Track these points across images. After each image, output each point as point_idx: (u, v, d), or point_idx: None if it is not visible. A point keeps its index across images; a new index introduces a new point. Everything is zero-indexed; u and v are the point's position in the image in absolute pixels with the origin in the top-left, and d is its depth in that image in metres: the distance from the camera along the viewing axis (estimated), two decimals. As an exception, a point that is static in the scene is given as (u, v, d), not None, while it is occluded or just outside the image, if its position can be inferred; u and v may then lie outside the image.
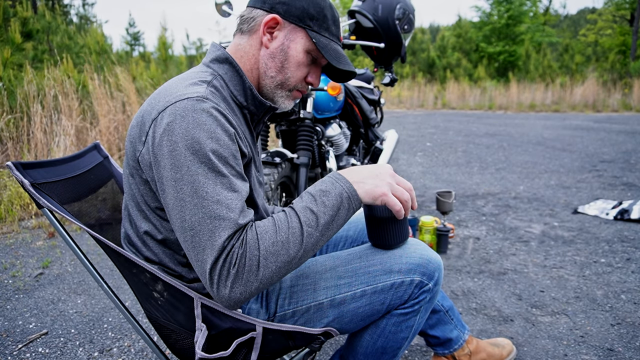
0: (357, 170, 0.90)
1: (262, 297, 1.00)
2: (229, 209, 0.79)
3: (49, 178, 0.99)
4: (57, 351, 1.71)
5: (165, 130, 0.80)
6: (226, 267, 0.78)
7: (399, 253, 0.99)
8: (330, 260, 1.03)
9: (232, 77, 0.94)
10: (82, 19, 16.40)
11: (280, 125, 2.14)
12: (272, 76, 0.96)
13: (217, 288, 0.79)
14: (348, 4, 20.37)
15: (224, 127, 0.82)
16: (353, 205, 0.87)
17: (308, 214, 0.83)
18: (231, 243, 0.78)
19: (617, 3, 19.07)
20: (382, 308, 0.98)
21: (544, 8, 22.73)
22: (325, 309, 0.97)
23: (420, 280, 0.97)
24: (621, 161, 4.79)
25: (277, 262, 0.81)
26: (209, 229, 0.78)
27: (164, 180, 0.81)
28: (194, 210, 0.79)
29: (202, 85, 0.87)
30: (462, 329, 1.39)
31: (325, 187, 0.86)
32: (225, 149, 0.81)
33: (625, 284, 2.11)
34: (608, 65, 15.18)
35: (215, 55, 0.95)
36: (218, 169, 0.80)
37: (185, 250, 0.82)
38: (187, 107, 0.80)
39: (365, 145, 2.89)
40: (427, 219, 2.49)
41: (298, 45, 0.94)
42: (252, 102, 0.96)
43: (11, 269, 2.46)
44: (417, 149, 5.99)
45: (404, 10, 2.38)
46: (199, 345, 0.91)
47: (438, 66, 16.21)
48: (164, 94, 0.86)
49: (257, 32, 0.94)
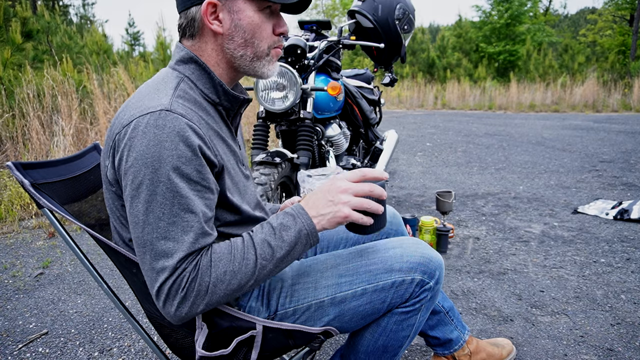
0: (315, 201, 0.88)
1: (262, 295, 1.00)
2: (184, 231, 0.79)
3: (49, 178, 0.99)
4: (57, 351, 1.71)
5: (126, 146, 0.79)
6: (174, 288, 0.79)
7: (400, 252, 0.99)
8: (331, 258, 1.03)
9: (200, 76, 0.92)
10: (82, 19, 16.39)
11: (280, 125, 2.14)
12: (242, 55, 0.92)
13: (162, 305, 0.80)
14: (348, 4, 20.38)
15: (188, 142, 0.79)
16: (310, 241, 0.87)
17: (265, 247, 0.84)
18: (183, 266, 0.79)
19: (617, 3, 19.08)
20: (382, 307, 0.98)
21: (544, 8, 22.74)
22: (326, 307, 0.97)
23: (421, 279, 0.97)
24: (621, 161, 4.79)
25: (227, 289, 0.82)
26: (162, 249, 0.78)
27: (125, 196, 0.81)
28: (147, 229, 0.79)
29: (167, 95, 0.84)
30: (463, 330, 1.39)
31: (286, 221, 0.86)
32: (187, 166, 0.79)
33: (625, 284, 2.11)
34: (608, 65, 15.19)
35: (180, 56, 0.93)
36: (177, 189, 0.78)
37: (140, 264, 0.82)
38: (149, 123, 0.78)
39: (365, 145, 2.89)
40: (427, 219, 2.49)
41: (247, 11, 0.89)
42: (225, 98, 0.94)
43: (11, 268, 2.46)
44: (417, 149, 5.99)
45: (404, 11, 2.38)
46: (200, 344, 0.91)
47: (438, 66, 16.21)
48: (129, 107, 0.84)
49: (203, 27, 0.90)
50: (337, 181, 0.89)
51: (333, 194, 0.87)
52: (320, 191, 0.89)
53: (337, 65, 2.35)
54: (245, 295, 0.99)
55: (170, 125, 0.78)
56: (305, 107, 2.05)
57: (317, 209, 0.87)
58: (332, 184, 0.89)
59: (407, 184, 4.13)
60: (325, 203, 0.87)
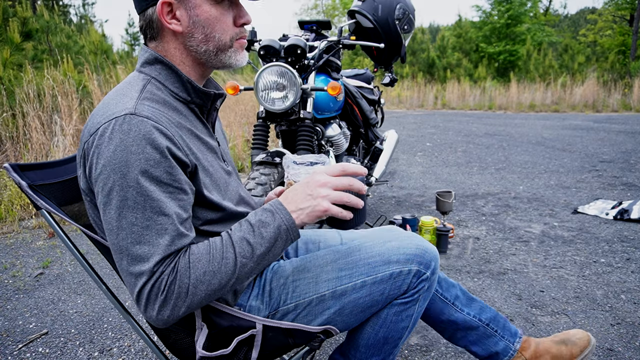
0: (294, 196, 0.87)
1: (262, 293, 1.01)
2: (159, 234, 0.78)
3: (46, 180, 0.98)
4: (57, 351, 1.71)
5: (94, 154, 0.79)
6: (154, 292, 0.78)
7: (396, 245, 1.01)
8: (330, 254, 1.04)
9: (167, 76, 0.91)
10: (82, 19, 16.39)
11: (280, 125, 2.14)
12: (205, 50, 0.91)
13: (144, 309, 0.79)
14: (348, 4, 20.38)
15: (154, 144, 0.78)
16: (291, 237, 0.86)
17: (244, 245, 0.83)
18: (160, 269, 0.78)
19: (617, 3, 19.07)
20: (381, 298, 0.99)
21: (544, 8, 22.74)
22: (327, 301, 0.98)
23: (418, 270, 0.99)
24: (621, 161, 4.79)
25: (207, 290, 0.81)
26: (138, 254, 0.78)
27: (98, 203, 0.81)
28: (122, 235, 0.78)
29: (132, 98, 0.83)
30: (512, 338, 1.26)
31: (265, 218, 0.85)
32: (156, 168, 0.78)
33: (625, 284, 2.11)
34: (608, 65, 15.17)
35: (145, 59, 0.92)
36: (147, 193, 0.78)
37: (118, 270, 0.82)
38: (115, 129, 0.78)
39: (365, 145, 2.89)
40: (427, 219, 2.49)
41: (203, 6, 0.88)
42: (196, 95, 0.93)
43: (11, 269, 2.46)
44: (417, 149, 5.99)
45: (404, 11, 2.38)
46: (200, 344, 0.91)
47: (438, 66, 16.20)
48: (96, 115, 0.84)
49: (162, 27, 0.89)
50: (316, 175, 0.88)
51: (312, 188, 0.86)
52: (300, 185, 0.89)
53: (337, 65, 2.35)
54: (244, 294, 0.99)
55: (135, 129, 0.78)
56: (305, 107, 2.05)
57: (296, 204, 0.86)
58: (311, 178, 0.89)
59: (407, 184, 4.13)
60: (304, 197, 0.86)
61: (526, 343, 1.28)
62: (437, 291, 1.25)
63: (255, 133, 2.10)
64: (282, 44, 1.95)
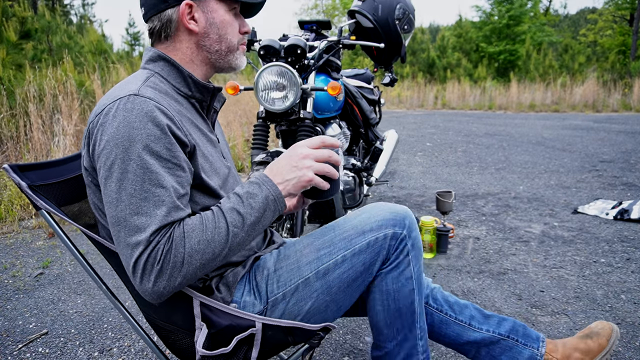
0: (279, 168, 0.92)
1: (252, 288, 1.02)
2: (156, 205, 0.81)
3: (46, 180, 0.99)
4: (57, 351, 1.71)
5: (99, 131, 0.84)
6: (150, 262, 0.80)
7: (367, 215, 1.04)
8: (306, 238, 1.07)
9: (169, 72, 0.97)
10: (82, 19, 16.40)
11: (280, 125, 2.13)
12: (217, 50, 1.00)
13: (139, 281, 0.81)
14: (348, 4, 20.38)
15: (156, 121, 0.83)
16: (279, 207, 0.91)
17: (235, 215, 0.86)
18: (156, 239, 0.80)
19: (617, 3, 19.07)
20: (363, 268, 1.02)
21: (544, 8, 22.74)
22: (312, 283, 1.00)
23: (393, 232, 1.02)
24: (621, 161, 4.79)
25: (202, 259, 0.83)
26: (135, 224, 0.80)
27: (100, 179, 0.85)
28: (121, 207, 0.81)
29: (136, 84, 0.89)
30: (535, 344, 1.24)
31: (252, 189, 0.89)
32: (157, 143, 0.82)
33: (625, 284, 2.11)
34: (608, 65, 15.17)
35: (148, 57, 0.99)
36: (147, 166, 0.81)
37: (115, 243, 0.84)
38: (119, 107, 0.83)
39: (365, 145, 2.89)
40: (427, 219, 2.49)
41: (220, 11, 0.98)
42: (196, 89, 0.99)
43: (11, 269, 2.46)
44: (417, 149, 5.99)
45: (404, 11, 2.38)
46: (200, 344, 0.92)
47: (438, 66, 16.20)
48: (103, 99, 0.89)
49: (179, 27, 0.96)
50: (298, 148, 0.93)
51: (296, 160, 0.92)
52: (283, 158, 0.93)
53: (337, 65, 2.34)
54: (238, 291, 1.00)
55: (138, 107, 0.83)
56: (305, 107, 2.05)
57: (282, 175, 0.91)
58: (293, 151, 0.93)
59: (407, 184, 4.13)
60: (289, 169, 0.91)
61: (552, 345, 1.26)
62: (451, 315, 1.26)
63: (255, 133, 2.10)
64: (282, 44, 1.95)
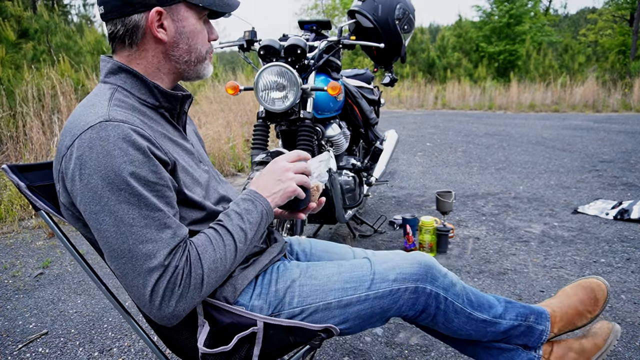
0: (264, 182, 0.99)
1: (266, 293, 1.01)
2: (159, 229, 0.80)
3: (45, 180, 0.98)
4: (57, 351, 1.71)
5: (76, 167, 0.79)
6: (170, 287, 0.80)
7: (392, 265, 1.07)
8: (336, 266, 1.09)
9: (133, 84, 0.91)
10: (82, 19, 16.38)
11: (280, 125, 2.13)
12: (187, 60, 0.95)
13: (158, 307, 0.80)
14: (348, 4, 20.38)
15: (136, 145, 0.79)
16: (270, 218, 0.98)
17: (239, 232, 0.91)
18: (173, 263, 0.80)
19: (617, 3, 19.07)
20: (380, 312, 1.05)
21: (544, 8, 22.74)
22: (332, 309, 1.02)
23: (415, 287, 1.04)
24: (621, 161, 4.79)
25: (217, 277, 0.87)
26: (143, 253, 0.79)
27: (86, 214, 0.81)
28: (122, 239, 0.78)
29: (102, 106, 0.84)
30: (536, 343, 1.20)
31: (248, 206, 0.95)
32: (142, 168, 0.79)
33: (625, 284, 2.11)
34: (608, 65, 15.17)
35: (107, 69, 0.92)
36: (139, 192, 0.79)
37: (121, 277, 0.81)
38: (93, 137, 0.78)
39: (365, 145, 2.89)
40: (427, 219, 2.49)
41: (190, 19, 0.92)
42: (164, 99, 0.95)
43: (11, 269, 2.46)
44: (417, 149, 5.99)
45: (404, 10, 2.38)
46: (201, 341, 0.92)
47: (438, 66, 16.20)
48: (69, 129, 0.84)
49: (145, 35, 0.90)
50: (279, 162, 1.01)
51: (279, 174, 0.99)
52: (267, 173, 1.00)
53: (337, 65, 2.34)
54: (245, 294, 1.00)
55: (113, 133, 0.79)
56: (305, 107, 2.04)
57: (269, 189, 0.98)
58: (275, 165, 1.00)
59: (407, 184, 4.13)
60: (274, 183, 0.98)
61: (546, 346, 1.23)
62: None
63: (255, 133, 2.10)
64: (282, 44, 1.95)
